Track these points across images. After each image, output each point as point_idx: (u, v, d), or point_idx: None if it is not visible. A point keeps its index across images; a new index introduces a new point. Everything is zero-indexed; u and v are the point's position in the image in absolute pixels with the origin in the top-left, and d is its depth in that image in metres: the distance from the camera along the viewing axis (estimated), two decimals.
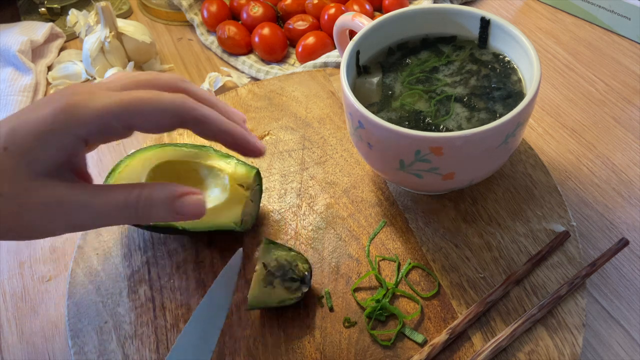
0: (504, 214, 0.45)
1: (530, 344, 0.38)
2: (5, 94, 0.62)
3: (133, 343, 0.40)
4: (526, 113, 0.38)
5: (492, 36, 0.44)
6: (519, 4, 0.69)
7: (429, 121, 0.40)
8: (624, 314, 0.41)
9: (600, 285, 0.43)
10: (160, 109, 0.31)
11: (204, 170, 0.46)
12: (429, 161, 0.38)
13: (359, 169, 0.49)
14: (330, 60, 0.60)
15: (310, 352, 0.39)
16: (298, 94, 0.56)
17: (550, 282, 0.41)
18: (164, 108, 0.31)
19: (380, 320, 0.40)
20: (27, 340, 0.43)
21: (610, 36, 0.63)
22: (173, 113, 0.32)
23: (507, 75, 0.43)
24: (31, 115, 0.30)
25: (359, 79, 0.45)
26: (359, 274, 0.42)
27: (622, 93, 0.57)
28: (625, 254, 0.44)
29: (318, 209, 0.47)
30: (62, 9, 0.74)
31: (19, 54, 0.63)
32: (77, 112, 0.30)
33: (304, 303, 0.41)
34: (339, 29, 0.48)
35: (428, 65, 0.45)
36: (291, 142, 0.52)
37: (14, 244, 0.50)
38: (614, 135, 0.53)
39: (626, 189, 0.49)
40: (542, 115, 0.55)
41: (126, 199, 0.31)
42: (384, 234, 0.45)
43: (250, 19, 0.66)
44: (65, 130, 0.30)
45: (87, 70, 0.63)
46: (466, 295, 0.41)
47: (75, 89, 0.31)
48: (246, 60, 0.64)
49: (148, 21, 0.73)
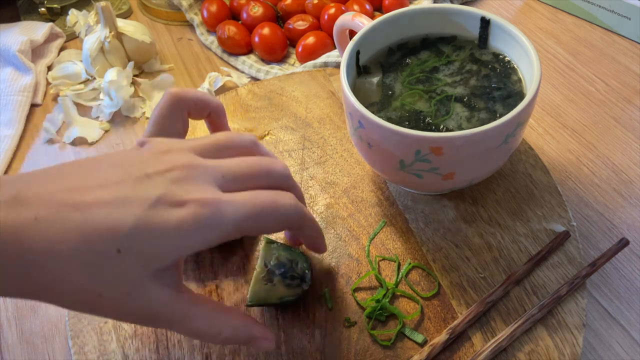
0: (504, 214, 0.45)
1: (530, 344, 0.38)
2: (5, 93, 0.62)
3: (133, 343, 0.40)
4: (526, 113, 0.38)
5: (492, 36, 0.44)
6: (519, 4, 0.69)
7: (429, 121, 0.40)
8: (624, 314, 0.41)
9: (600, 285, 0.43)
10: (282, 219, 0.32)
11: None
12: (429, 161, 0.38)
13: (359, 169, 0.49)
14: (330, 60, 0.60)
15: (310, 352, 0.39)
16: (298, 94, 0.56)
17: (551, 282, 0.41)
18: (285, 218, 0.32)
19: (380, 320, 0.40)
20: (27, 340, 0.43)
21: (610, 36, 0.63)
22: (290, 222, 0.32)
23: (507, 75, 0.43)
24: (155, 218, 0.27)
25: (359, 79, 0.45)
26: (359, 274, 0.42)
27: (622, 93, 0.57)
28: (625, 254, 0.44)
29: (318, 209, 0.47)
30: (62, 9, 0.74)
31: (18, 53, 0.63)
32: (205, 229, 0.28)
33: (304, 303, 0.41)
34: (339, 29, 0.48)
35: (428, 65, 0.45)
36: (291, 142, 0.52)
37: None
38: (614, 135, 0.53)
39: (626, 189, 0.49)
40: (542, 115, 0.55)
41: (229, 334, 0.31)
42: (384, 234, 0.45)
43: (250, 19, 0.66)
44: (188, 245, 0.28)
45: (87, 70, 0.63)
46: (466, 295, 0.41)
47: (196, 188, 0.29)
48: (246, 60, 0.64)
49: (148, 21, 0.73)
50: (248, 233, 0.31)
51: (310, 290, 0.41)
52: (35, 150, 0.58)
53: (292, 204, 0.32)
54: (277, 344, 0.39)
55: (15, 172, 0.56)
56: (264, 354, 0.39)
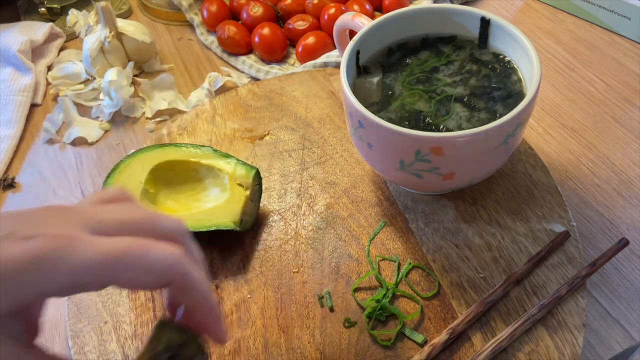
0: (504, 214, 0.45)
1: (530, 344, 0.38)
2: (5, 93, 0.62)
3: (133, 343, 0.40)
4: (526, 113, 0.38)
5: (492, 36, 0.44)
6: (519, 4, 0.69)
7: (429, 121, 0.40)
8: (624, 314, 0.41)
9: (600, 285, 0.43)
10: (152, 270, 0.25)
11: (203, 170, 0.46)
12: (429, 161, 0.38)
13: (359, 169, 0.49)
14: (330, 60, 0.60)
15: (310, 352, 0.39)
16: (298, 94, 0.56)
17: (551, 282, 0.41)
18: (157, 270, 0.25)
19: (380, 320, 0.40)
20: None
21: (610, 36, 0.63)
22: (166, 278, 0.26)
23: (507, 75, 0.43)
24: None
25: (359, 79, 0.45)
26: (359, 274, 0.42)
27: (622, 93, 0.57)
28: (625, 254, 0.44)
29: (318, 209, 0.47)
30: (62, 9, 0.74)
31: (18, 53, 0.63)
32: (51, 266, 0.23)
33: (304, 302, 0.41)
34: (339, 29, 0.48)
35: (428, 65, 0.45)
36: (291, 142, 0.52)
37: None
38: (614, 135, 0.53)
39: (626, 189, 0.49)
40: (542, 115, 0.55)
41: None
42: (384, 234, 0.45)
43: (250, 19, 0.66)
44: (30, 284, 0.23)
45: (87, 70, 0.63)
46: (466, 295, 0.41)
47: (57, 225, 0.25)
48: (246, 60, 0.64)
49: (148, 21, 0.73)
50: (113, 283, 0.25)
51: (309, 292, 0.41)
52: (35, 150, 0.58)
53: (170, 255, 0.26)
54: (277, 344, 0.39)
55: (15, 171, 0.56)
56: (264, 355, 0.39)
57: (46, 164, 0.56)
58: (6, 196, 0.54)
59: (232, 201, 0.44)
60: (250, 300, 0.42)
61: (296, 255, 0.44)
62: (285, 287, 0.42)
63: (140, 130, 0.59)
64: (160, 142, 0.53)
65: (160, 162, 0.45)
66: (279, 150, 0.51)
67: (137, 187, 0.44)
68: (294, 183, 0.49)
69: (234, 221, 0.43)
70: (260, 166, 0.50)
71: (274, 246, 0.45)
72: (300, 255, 0.44)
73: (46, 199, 0.53)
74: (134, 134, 0.59)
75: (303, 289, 0.42)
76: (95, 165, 0.56)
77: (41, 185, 0.54)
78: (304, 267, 0.43)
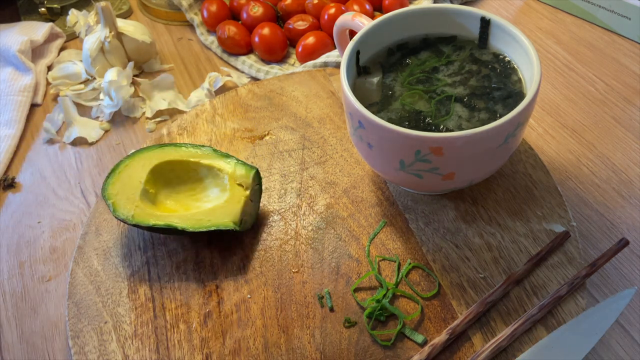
0: (504, 214, 0.45)
1: (531, 344, 0.38)
2: (5, 93, 0.62)
3: (133, 343, 0.40)
4: (526, 113, 0.38)
5: (492, 36, 0.44)
6: (519, 4, 0.69)
7: (429, 121, 0.40)
8: (624, 314, 0.41)
9: (600, 285, 0.43)
10: None
11: (203, 170, 0.46)
12: (429, 161, 0.38)
13: (359, 169, 0.49)
14: (330, 60, 0.60)
15: (310, 352, 0.39)
16: (298, 93, 0.56)
17: (550, 282, 0.41)
18: None
19: (380, 321, 0.40)
20: (27, 340, 0.43)
21: (610, 36, 0.63)
22: None
23: (507, 75, 0.43)
24: None
25: (359, 79, 0.45)
26: (359, 274, 0.42)
27: (622, 93, 0.57)
28: (625, 254, 0.44)
29: (318, 209, 0.47)
30: (62, 9, 0.74)
31: (18, 53, 0.63)
32: None
33: (304, 303, 0.41)
34: (339, 29, 0.48)
35: (428, 65, 0.45)
36: (291, 142, 0.52)
37: (14, 244, 0.50)
38: (614, 135, 0.53)
39: (626, 189, 0.49)
40: (542, 115, 0.55)
41: None
42: (384, 234, 0.45)
43: (250, 19, 0.66)
44: None
45: (87, 70, 0.63)
46: (466, 295, 0.41)
47: None
48: (246, 60, 0.64)
49: (148, 21, 0.73)
50: None
51: (309, 290, 0.41)
52: (35, 150, 0.58)
53: None
54: (277, 344, 0.39)
55: (15, 171, 0.56)
56: (264, 355, 0.39)
57: (46, 164, 0.56)
58: (6, 196, 0.54)
59: (232, 201, 0.44)
60: (250, 300, 0.42)
61: (296, 255, 0.44)
62: (285, 287, 0.42)
63: (140, 130, 0.59)
64: (160, 142, 0.53)
65: (160, 162, 0.45)
66: (279, 150, 0.51)
67: (137, 187, 0.44)
68: (294, 183, 0.49)
69: (234, 221, 0.43)
70: (260, 166, 0.50)
71: (274, 246, 0.45)
72: (300, 255, 0.44)
73: (46, 199, 0.53)
74: (134, 134, 0.59)
75: (303, 289, 0.42)
76: (95, 165, 0.56)
77: (41, 185, 0.55)
78: (304, 267, 0.43)
